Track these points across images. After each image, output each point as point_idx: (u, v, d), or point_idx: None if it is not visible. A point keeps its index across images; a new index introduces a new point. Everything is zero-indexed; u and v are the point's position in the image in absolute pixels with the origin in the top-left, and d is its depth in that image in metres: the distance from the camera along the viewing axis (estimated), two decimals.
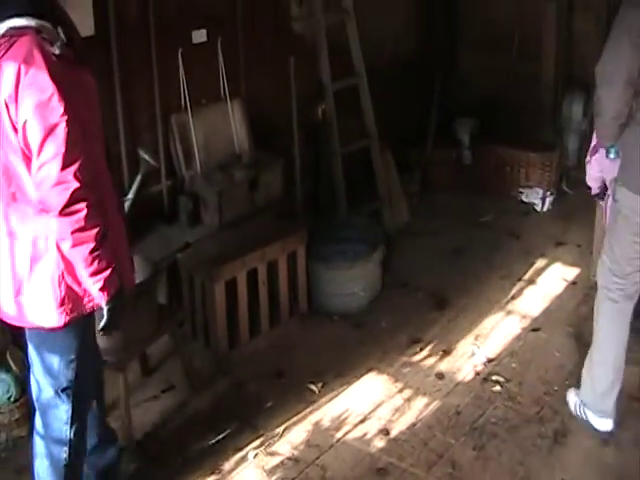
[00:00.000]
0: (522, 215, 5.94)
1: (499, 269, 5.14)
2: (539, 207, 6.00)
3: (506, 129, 6.22)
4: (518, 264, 5.20)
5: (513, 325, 4.56)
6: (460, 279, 5.03)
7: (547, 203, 5.99)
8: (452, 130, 6.42)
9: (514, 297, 4.84)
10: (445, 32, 6.70)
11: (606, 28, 4.80)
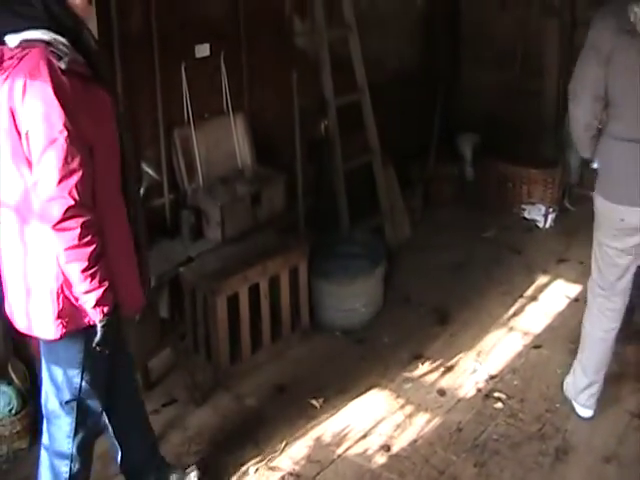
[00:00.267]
0: (524, 231, 5.95)
1: (501, 285, 5.15)
2: (541, 223, 6.01)
3: (508, 145, 6.24)
4: (520, 280, 5.21)
5: (515, 342, 4.55)
6: (462, 295, 5.03)
7: (549, 220, 5.99)
8: (454, 146, 6.45)
9: (516, 313, 4.84)
10: (448, 48, 6.73)
11: None
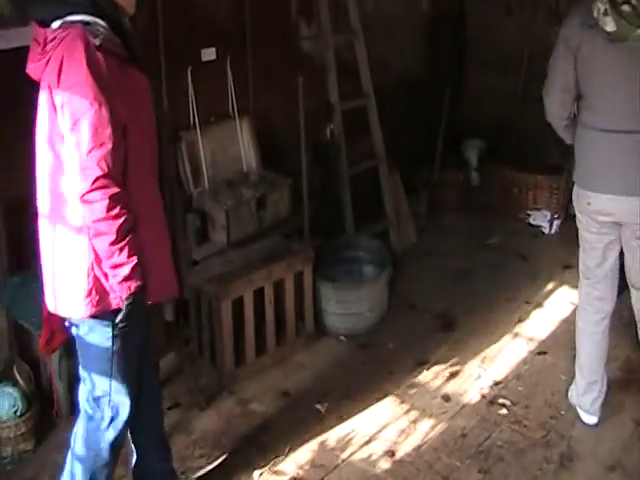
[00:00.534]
0: (530, 237, 5.94)
1: (506, 291, 5.13)
2: (547, 230, 6.00)
3: (514, 151, 6.24)
4: (525, 286, 5.19)
5: (520, 348, 4.54)
6: (467, 301, 5.01)
7: (555, 226, 5.98)
8: (460, 151, 6.45)
9: (521, 319, 4.83)
10: (453, 53, 6.73)
11: None
